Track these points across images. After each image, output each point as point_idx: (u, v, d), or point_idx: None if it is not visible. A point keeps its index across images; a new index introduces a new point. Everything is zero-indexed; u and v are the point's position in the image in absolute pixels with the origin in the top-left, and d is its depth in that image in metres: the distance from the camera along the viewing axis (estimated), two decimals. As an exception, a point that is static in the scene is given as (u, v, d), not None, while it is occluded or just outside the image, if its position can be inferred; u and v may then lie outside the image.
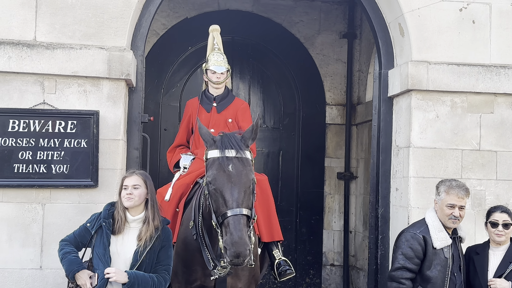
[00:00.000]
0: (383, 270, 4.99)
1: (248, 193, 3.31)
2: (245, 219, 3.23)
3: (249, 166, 3.37)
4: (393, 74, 5.01)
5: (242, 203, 3.25)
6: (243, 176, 3.31)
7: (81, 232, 3.62)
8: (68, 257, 3.49)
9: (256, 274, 4.15)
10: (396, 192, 4.94)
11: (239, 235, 3.14)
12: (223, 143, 3.40)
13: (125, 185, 3.54)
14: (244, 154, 3.36)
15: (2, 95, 4.39)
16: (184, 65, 7.06)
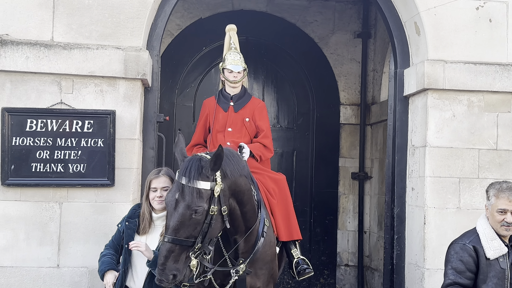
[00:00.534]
0: (399, 270, 4.97)
1: (189, 223, 3.28)
2: (176, 247, 3.25)
3: (197, 197, 3.30)
4: (408, 73, 4.99)
5: (178, 232, 3.26)
6: (182, 207, 3.28)
7: (115, 235, 3.70)
8: (102, 259, 3.60)
9: (274, 273, 4.15)
10: (412, 192, 4.92)
11: (162, 261, 3.22)
12: (183, 167, 3.38)
13: (154, 188, 3.55)
14: (196, 184, 3.30)
15: (20, 95, 4.43)
16: (199, 66, 7.09)
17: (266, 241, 3.96)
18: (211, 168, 3.36)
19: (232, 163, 3.55)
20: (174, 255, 3.27)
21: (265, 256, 3.97)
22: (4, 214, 4.39)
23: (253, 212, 3.81)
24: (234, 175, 3.53)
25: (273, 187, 4.48)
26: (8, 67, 4.39)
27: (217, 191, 3.36)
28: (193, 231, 3.31)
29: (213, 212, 3.36)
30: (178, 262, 3.26)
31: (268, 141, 4.74)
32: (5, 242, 4.39)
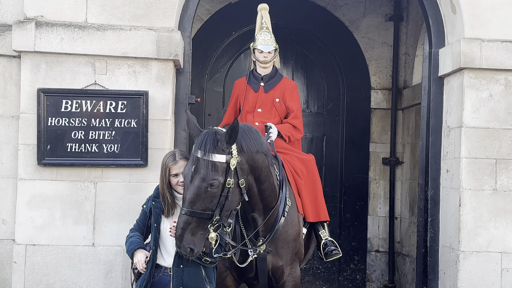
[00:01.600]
0: (433, 253, 4.91)
1: (205, 196, 3.30)
2: (193, 219, 3.28)
3: (213, 170, 3.31)
4: (444, 53, 4.89)
5: (194, 204, 3.29)
6: (198, 180, 3.30)
7: (141, 216, 3.69)
8: (129, 240, 3.61)
9: (299, 252, 4.13)
10: (447, 174, 4.84)
11: (179, 232, 3.27)
12: (197, 141, 3.41)
13: (174, 174, 3.53)
14: (212, 157, 3.31)
15: (55, 76, 4.49)
16: (228, 51, 7.08)
17: (288, 220, 3.95)
18: (227, 141, 3.36)
19: (249, 138, 3.54)
20: (191, 227, 3.29)
21: (287, 235, 3.97)
22: (40, 194, 4.47)
23: (272, 190, 3.79)
24: (251, 150, 3.52)
25: (301, 167, 4.46)
26: (43, 48, 4.45)
27: (233, 164, 3.37)
28: (210, 204, 3.33)
29: (230, 185, 3.36)
30: (196, 235, 3.29)
31: (298, 121, 4.72)
32: (42, 221, 4.47)
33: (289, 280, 4.00)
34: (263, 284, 4.00)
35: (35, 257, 4.46)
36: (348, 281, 7.08)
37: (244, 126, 3.58)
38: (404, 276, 6.87)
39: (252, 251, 3.78)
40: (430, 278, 4.88)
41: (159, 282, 3.49)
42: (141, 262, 3.48)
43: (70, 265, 4.47)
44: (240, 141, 3.45)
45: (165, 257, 3.53)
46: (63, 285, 4.47)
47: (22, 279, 4.45)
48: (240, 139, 3.45)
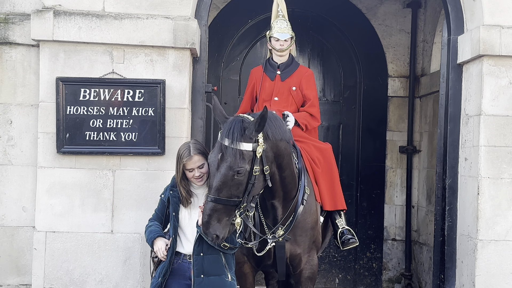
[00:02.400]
0: (450, 241, 4.88)
1: (231, 184, 3.32)
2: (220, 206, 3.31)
3: (240, 158, 3.32)
4: (463, 40, 4.83)
5: (220, 192, 3.31)
6: (225, 168, 3.31)
7: (159, 206, 3.70)
8: (149, 229, 3.63)
9: (317, 240, 4.15)
10: (465, 162, 4.80)
11: (206, 219, 3.30)
12: (224, 129, 3.40)
13: (190, 169, 3.51)
14: (239, 145, 3.31)
15: (74, 65, 4.53)
16: (244, 39, 7.06)
17: (306, 208, 3.96)
18: (255, 129, 3.37)
19: (274, 126, 3.55)
20: (217, 214, 3.32)
21: (305, 223, 3.98)
22: (60, 181, 4.53)
23: (292, 178, 3.81)
24: (276, 137, 3.54)
25: (318, 156, 4.46)
26: (62, 37, 4.48)
27: (259, 152, 3.38)
28: (236, 191, 3.35)
29: (256, 172, 3.39)
30: (221, 222, 3.33)
31: (314, 110, 4.71)
32: (61, 208, 4.54)
33: (307, 268, 4.02)
34: (281, 272, 4.02)
35: (55, 244, 4.53)
36: (364, 269, 7.09)
37: (270, 114, 3.58)
38: (421, 265, 6.85)
39: (271, 239, 3.79)
40: (447, 267, 4.86)
41: (178, 269, 3.53)
42: (162, 250, 3.51)
43: (89, 252, 4.53)
44: (266, 129, 3.46)
45: (184, 244, 3.56)
46: (83, 272, 4.54)
47: (42, 266, 4.53)
48: (266, 127, 3.46)
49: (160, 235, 3.57)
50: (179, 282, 3.53)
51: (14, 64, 4.68)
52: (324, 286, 6.98)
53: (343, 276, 7.08)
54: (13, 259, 4.71)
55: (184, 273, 3.52)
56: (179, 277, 3.53)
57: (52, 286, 4.53)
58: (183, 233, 3.57)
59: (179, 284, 3.52)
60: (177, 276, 3.53)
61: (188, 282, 3.51)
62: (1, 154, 4.68)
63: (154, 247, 3.55)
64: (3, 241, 4.69)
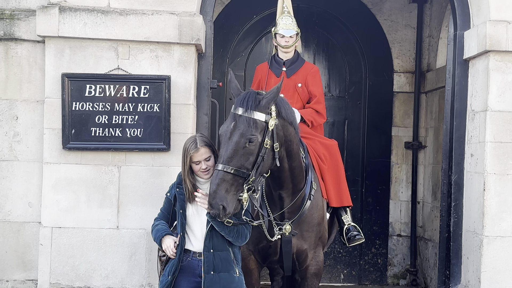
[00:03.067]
0: (456, 237, 4.87)
1: (242, 153, 3.31)
2: (229, 176, 3.27)
3: (253, 127, 3.33)
4: (469, 35, 4.80)
5: (230, 161, 3.29)
6: (237, 136, 3.32)
7: (165, 204, 3.68)
8: (156, 228, 3.60)
9: (323, 237, 4.15)
10: (471, 158, 4.78)
11: (213, 188, 3.24)
12: (238, 99, 3.44)
13: (196, 161, 3.48)
14: (252, 114, 3.34)
15: (79, 60, 4.53)
16: (249, 34, 7.05)
17: (313, 204, 3.96)
18: (270, 100, 3.41)
19: (286, 107, 3.59)
20: (225, 185, 3.27)
21: (312, 219, 3.98)
22: (65, 177, 4.55)
23: (301, 170, 3.81)
24: (286, 118, 3.57)
25: (324, 152, 4.46)
26: (67, 33, 4.49)
27: (271, 124, 3.41)
28: (246, 162, 3.33)
29: (267, 145, 3.40)
30: (229, 193, 3.28)
31: (320, 106, 4.70)
32: (67, 204, 4.55)
33: (313, 264, 4.02)
34: (287, 267, 4.02)
35: (61, 239, 4.55)
36: (369, 265, 7.08)
37: (283, 98, 3.65)
38: (426, 261, 6.85)
39: (278, 230, 3.79)
40: (453, 263, 4.86)
41: (188, 266, 3.51)
42: (171, 247, 3.48)
43: (95, 248, 4.55)
44: (279, 106, 3.52)
45: (193, 241, 3.54)
46: (89, 267, 4.56)
47: (48, 261, 4.55)
48: (279, 104, 3.52)
49: (168, 233, 3.55)
50: (189, 279, 3.51)
51: (20, 60, 4.69)
52: (329, 281, 6.98)
53: (348, 272, 7.08)
54: (19, 254, 4.74)
55: (193, 271, 3.51)
56: (188, 275, 3.51)
57: (58, 282, 4.56)
58: (191, 230, 3.56)
59: (188, 282, 3.51)
60: (186, 273, 3.51)
61: (198, 280, 3.50)
62: (7, 150, 4.70)
63: (163, 245, 3.52)
64: (10, 236, 4.72)
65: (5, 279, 4.73)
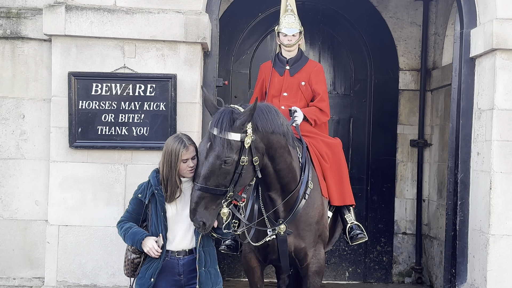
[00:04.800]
0: (462, 236, 4.87)
1: (219, 173, 3.36)
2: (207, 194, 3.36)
3: (228, 148, 3.35)
4: (475, 34, 4.79)
5: (208, 180, 3.36)
6: (213, 157, 3.36)
7: (134, 206, 3.60)
8: (130, 230, 3.52)
9: (323, 235, 4.14)
10: (477, 157, 4.77)
11: (193, 206, 3.37)
12: (214, 119, 3.44)
13: (185, 159, 3.49)
14: (226, 135, 3.36)
15: (85, 59, 4.54)
16: (254, 32, 7.04)
17: (309, 202, 3.96)
18: (244, 120, 3.40)
19: (265, 118, 3.56)
20: (204, 202, 3.36)
21: (308, 217, 3.98)
22: (72, 175, 4.56)
23: (289, 171, 3.79)
24: (266, 130, 3.55)
25: (327, 151, 4.45)
26: (74, 32, 4.50)
27: (247, 142, 3.42)
28: (223, 180, 3.39)
29: (244, 162, 3.42)
30: (208, 210, 3.38)
31: (324, 104, 4.69)
32: (74, 202, 4.57)
33: (313, 262, 4.03)
34: (285, 266, 4.03)
35: (68, 237, 4.57)
36: (374, 263, 7.08)
37: (263, 106, 3.61)
38: (432, 259, 6.84)
39: (271, 231, 3.80)
40: (459, 261, 4.85)
41: (167, 266, 3.51)
42: (155, 248, 3.44)
43: (101, 246, 4.57)
44: (256, 120, 3.49)
45: (172, 241, 3.53)
46: (95, 265, 4.58)
47: (55, 259, 4.57)
48: (256, 118, 3.49)
49: (147, 235, 3.50)
50: (167, 279, 3.52)
51: (27, 58, 4.70)
52: (334, 279, 6.99)
53: (353, 270, 7.09)
54: (26, 252, 4.76)
55: (172, 270, 3.52)
56: (167, 274, 3.52)
57: (65, 279, 4.58)
58: (170, 230, 3.54)
59: (167, 281, 3.53)
60: (164, 273, 3.51)
61: (177, 278, 3.53)
62: (14, 148, 4.72)
63: (145, 247, 3.45)
64: (16, 234, 4.74)
65: (12, 276, 4.75)
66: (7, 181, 4.72)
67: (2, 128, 4.71)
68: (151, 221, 3.54)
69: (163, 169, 3.50)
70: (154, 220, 3.53)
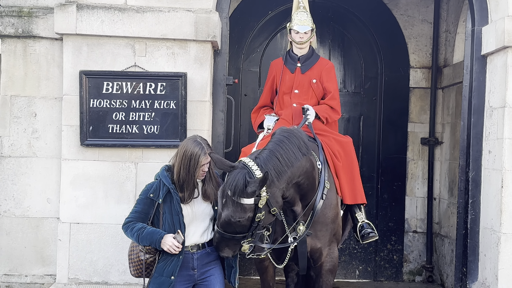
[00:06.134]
0: (473, 235, 4.84)
1: (235, 226, 3.41)
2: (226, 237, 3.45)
3: (241, 211, 3.37)
4: (487, 31, 4.75)
5: (226, 229, 3.44)
6: (228, 214, 3.39)
7: (144, 206, 3.58)
8: (145, 231, 3.49)
9: (337, 233, 4.16)
10: (489, 155, 4.74)
11: (215, 244, 3.55)
12: (230, 180, 3.40)
13: (203, 164, 3.51)
14: (240, 200, 3.37)
15: (96, 58, 4.57)
16: (264, 30, 7.03)
17: (326, 203, 3.96)
18: (256, 188, 3.36)
19: (280, 162, 3.53)
20: (225, 242, 3.46)
21: (325, 218, 3.98)
22: (83, 173, 4.59)
23: (311, 185, 3.82)
24: (283, 174, 3.53)
25: (339, 149, 4.44)
26: (85, 31, 4.52)
27: (261, 203, 3.43)
28: (241, 230, 3.44)
29: (259, 218, 3.45)
30: (230, 247, 3.49)
31: (335, 102, 4.69)
32: (85, 200, 4.60)
33: (327, 260, 4.03)
34: (303, 267, 4.02)
35: (79, 235, 4.60)
36: (385, 261, 7.06)
37: (276, 144, 3.58)
38: (443, 257, 6.81)
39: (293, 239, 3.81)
40: (470, 260, 4.83)
41: (182, 261, 3.53)
42: (176, 244, 3.44)
43: (112, 243, 4.59)
44: (272, 175, 3.46)
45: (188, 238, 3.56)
46: (106, 263, 4.61)
47: (67, 256, 4.61)
48: (271, 170, 3.46)
49: (165, 233, 3.49)
50: (181, 274, 3.55)
51: (38, 57, 4.74)
52: (344, 278, 6.98)
53: (364, 268, 7.07)
54: (38, 249, 4.80)
55: (187, 264, 3.56)
56: (181, 269, 3.54)
57: (77, 277, 4.62)
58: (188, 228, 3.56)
59: (181, 277, 3.55)
60: (179, 268, 3.53)
61: (191, 273, 3.57)
62: (25, 146, 4.76)
63: (164, 246, 3.43)
64: (28, 232, 4.79)
65: (24, 273, 4.80)
66: (19, 179, 4.76)
67: (14, 127, 4.75)
68: (164, 220, 3.54)
69: (180, 172, 3.50)
70: (169, 219, 3.53)
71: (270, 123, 4.59)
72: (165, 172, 3.60)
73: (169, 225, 3.53)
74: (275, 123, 4.60)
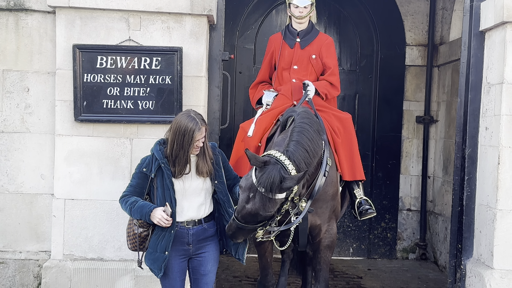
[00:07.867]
0: (469, 211, 4.85)
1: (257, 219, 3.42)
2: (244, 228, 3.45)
3: (272, 205, 3.37)
4: (486, 6, 4.70)
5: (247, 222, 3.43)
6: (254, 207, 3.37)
7: (138, 180, 3.56)
8: (137, 204, 3.48)
9: (336, 210, 4.17)
10: (486, 132, 4.73)
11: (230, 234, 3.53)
12: (264, 178, 3.34)
13: (198, 139, 3.48)
14: (273, 195, 3.35)
15: (90, 31, 4.48)
16: (259, 7, 6.95)
17: (327, 180, 3.94)
18: (290, 184, 3.34)
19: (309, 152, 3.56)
20: (241, 232, 3.47)
21: (326, 195, 3.97)
22: (78, 149, 4.54)
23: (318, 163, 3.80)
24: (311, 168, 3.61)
25: (338, 126, 4.42)
26: (78, 4, 4.43)
27: (291, 197, 3.46)
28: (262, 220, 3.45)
29: (285, 209, 3.48)
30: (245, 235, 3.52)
31: (335, 78, 4.65)
32: (80, 176, 4.56)
33: (326, 237, 4.03)
34: (303, 243, 4.02)
35: (74, 211, 4.57)
36: (378, 239, 7.10)
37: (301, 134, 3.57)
38: (436, 235, 6.85)
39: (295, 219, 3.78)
40: (465, 237, 4.85)
41: (176, 236, 3.52)
42: (165, 217, 3.42)
43: (107, 219, 4.57)
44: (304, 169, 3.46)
45: (181, 213, 3.54)
46: (102, 239, 4.59)
47: (62, 232, 4.58)
48: (301, 163, 3.47)
49: (155, 207, 3.47)
50: (176, 248, 3.55)
51: (30, 31, 4.64)
52: (338, 255, 7.01)
53: (357, 246, 7.11)
54: (32, 226, 4.76)
55: (182, 239, 3.55)
56: (175, 244, 3.53)
57: (72, 253, 4.59)
58: (178, 203, 3.53)
59: (176, 251, 3.55)
60: (173, 243, 3.52)
61: (186, 248, 3.57)
62: (18, 122, 4.69)
63: (154, 219, 3.42)
64: (22, 208, 4.74)
65: (18, 250, 4.77)
66: (12, 154, 4.70)
67: (6, 102, 4.68)
68: (156, 195, 3.53)
69: (173, 147, 3.46)
70: (160, 194, 3.52)
71: (269, 98, 4.55)
72: (158, 146, 3.57)
73: (160, 200, 3.51)
74: (274, 98, 4.56)
